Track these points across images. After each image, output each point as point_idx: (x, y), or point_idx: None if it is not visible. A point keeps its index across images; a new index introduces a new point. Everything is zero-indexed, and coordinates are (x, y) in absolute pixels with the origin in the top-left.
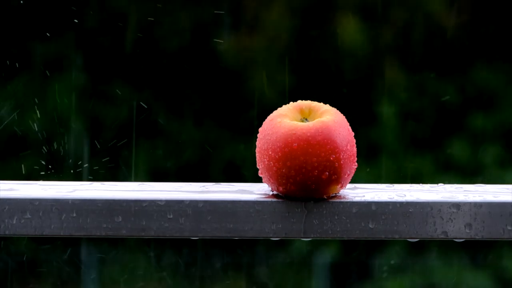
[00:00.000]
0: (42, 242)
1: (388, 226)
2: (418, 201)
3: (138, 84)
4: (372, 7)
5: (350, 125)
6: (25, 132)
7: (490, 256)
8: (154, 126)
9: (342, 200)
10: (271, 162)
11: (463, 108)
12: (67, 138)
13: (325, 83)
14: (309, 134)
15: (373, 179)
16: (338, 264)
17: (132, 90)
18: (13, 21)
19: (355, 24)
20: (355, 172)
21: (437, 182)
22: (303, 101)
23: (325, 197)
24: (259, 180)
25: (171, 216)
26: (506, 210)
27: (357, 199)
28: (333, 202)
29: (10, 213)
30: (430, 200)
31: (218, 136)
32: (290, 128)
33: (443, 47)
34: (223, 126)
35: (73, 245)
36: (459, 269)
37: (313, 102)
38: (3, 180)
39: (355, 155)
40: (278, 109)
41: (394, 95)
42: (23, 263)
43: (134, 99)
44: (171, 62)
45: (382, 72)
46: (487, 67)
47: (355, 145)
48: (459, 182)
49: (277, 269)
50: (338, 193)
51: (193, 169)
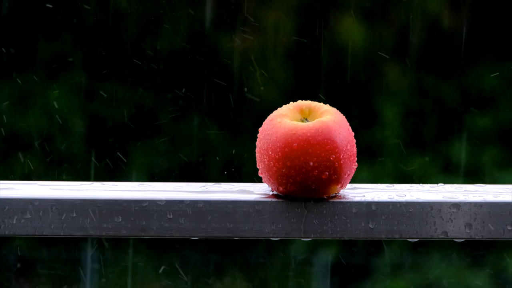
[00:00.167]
0: (42, 242)
1: (388, 226)
2: (418, 201)
3: (138, 84)
4: (372, 7)
5: (350, 125)
6: (25, 132)
7: (490, 256)
8: (154, 126)
9: (342, 200)
10: (271, 162)
11: (463, 108)
12: (67, 138)
13: (325, 83)
14: (309, 134)
15: (373, 179)
16: (338, 264)
17: (132, 90)
18: (13, 21)
19: (356, 24)
20: (355, 172)
21: (437, 182)
22: (303, 101)
23: (325, 197)
24: (259, 180)
25: (171, 216)
26: (506, 210)
27: (357, 199)
28: (333, 202)
29: (10, 213)
30: (430, 200)
31: (218, 136)
32: (290, 128)
33: (443, 47)
34: (223, 126)
35: (73, 245)
36: (459, 269)
37: (313, 102)
38: (3, 180)
39: (355, 155)
40: (278, 109)
41: (394, 95)
42: (23, 263)
43: (134, 99)
44: (171, 62)
45: (382, 72)
46: (487, 67)
47: (355, 145)
48: (459, 182)
49: (277, 269)
50: (338, 193)
51: (193, 169)
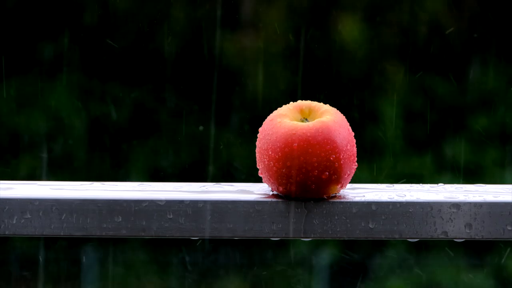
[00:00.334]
0: (42, 242)
1: (388, 226)
2: (418, 201)
3: (138, 84)
4: (372, 7)
5: (350, 125)
6: (25, 132)
7: (490, 256)
8: (154, 126)
9: (342, 200)
10: (271, 162)
11: (463, 108)
12: (67, 138)
13: (325, 83)
14: (309, 134)
15: (373, 179)
16: (338, 264)
17: (132, 90)
18: (13, 21)
19: (356, 23)
20: (355, 172)
21: (437, 182)
22: (303, 101)
23: (325, 197)
24: (259, 180)
25: (171, 216)
26: (506, 210)
27: (357, 199)
28: (333, 202)
29: (10, 213)
30: (430, 200)
31: (218, 136)
32: (290, 128)
33: (444, 47)
34: (223, 126)
35: (73, 245)
36: (459, 269)
37: (313, 102)
38: (3, 180)
39: (355, 155)
40: (278, 109)
41: (395, 95)
42: (23, 263)
43: (134, 99)
44: (171, 62)
45: (383, 72)
46: (487, 68)
47: (355, 145)
48: (459, 182)
49: (277, 269)
50: (338, 193)
51: (193, 169)
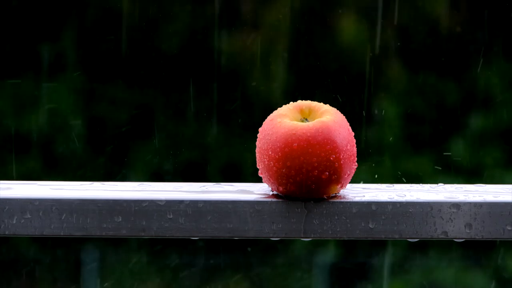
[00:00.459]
0: (42, 242)
1: (388, 226)
2: (418, 201)
3: (138, 84)
4: (372, 7)
5: (350, 125)
6: (25, 132)
7: (490, 256)
8: (154, 126)
9: (342, 200)
10: (271, 162)
11: (463, 108)
12: (67, 138)
13: (325, 83)
14: (309, 134)
15: (373, 179)
16: (338, 264)
17: (132, 90)
18: (13, 21)
19: (355, 23)
20: (355, 172)
21: (437, 182)
22: (303, 101)
23: (325, 197)
24: (259, 180)
25: (171, 216)
26: (506, 210)
27: (357, 199)
28: (333, 202)
29: (10, 213)
30: (430, 200)
31: (218, 136)
32: (290, 128)
33: (444, 47)
34: (223, 126)
35: (73, 245)
36: (459, 269)
37: (313, 102)
38: (3, 180)
39: (355, 155)
40: (278, 109)
41: (395, 95)
42: (23, 263)
43: (134, 99)
44: (171, 62)
45: (383, 72)
46: (487, 67)
47: (355, 145)
48: (459, 182)
49: (277, 269)
50: (338, 193)
51: (193, 169)
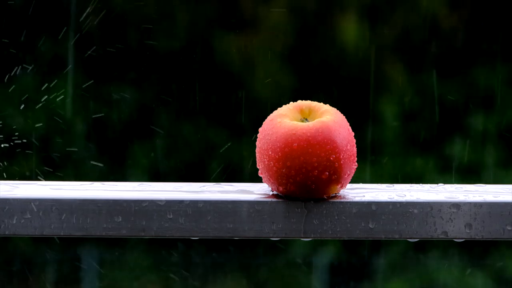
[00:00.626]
0: (42, 242)
1: (388, 226)
2: (418, 201)
3: (137, 84)
4: (372, 7)
5: (350, 125)
6: (25, 132)
7: (490, 256)
8: (154, 126)
9: (342, 200)
10: (271, 162)
11: (464, 108)
12: (67, 138)
13: (325, 83)
14: (309, 134)
15: (373, 179)
16: (338, 264)
17: (132, 90)
18: (13, 21)
19: (356, 23)
20: (355, 172)
21: (437, 182)
22: (303, 101)
23: (325, 197)
24: (259, 180)
25: (171, 216)
26: (506, 210)
27: (357, 199)
28: (333, 202)
29: (10, 213)
30: (430, 200)
31: (218, 136)
32: (290, 128)
33: (444, 47)
34: (223, 126)
35: (73, 245)
36: (459, 269)
37: (313, 102)
38: (3, 180)
39: (355, 155)
40: (278, 109)
41: (395, 95)
42: (23, 263)
43: (134, 99)
44: (171, 62)
45: (383, 72)
46: (488, 67)
47: (355, 145)
48: (459, 182)
49: (277, 269)
50: (338, 193)
51: (193, 169)
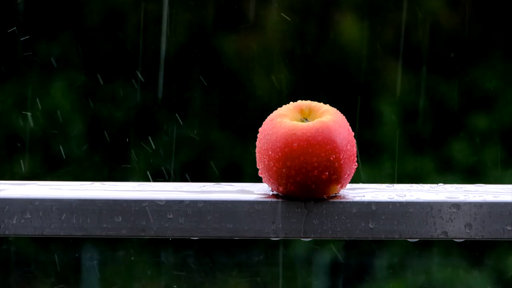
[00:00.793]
0: (42, 242)
1: (388, 226)
2: (418, 201)
3: (138, 84)
4: (372, 7)
5: (350, 125)
6: (25, 131)
7: (490, 256)
8: (154, 126)
9: (342, 200)
10: (271, 162)
11: (464, 108)
12: (67, 137)
13: (325, 83)
14: (309, 134)
15: (373, 179)
16: (338, 264)
17: (132, 89)
18: (13, 20)
19: (355, 23)
20: (355, 172)
21: (437, 182)
22: (303, 101)
23: (325, 197)
24: (259, 180)
25: (171, 216)
26: (506, 210)
27: (357, 199)
28: (333, 202)
29: (10, 213)
30: (430, 200)
31: (218, 136)
32: (290, 128)
33: (444, 47)
34: (223, 126)
35: (73, 245)
36: (459, 269)
37: (313, 102)
38: (3, 180)
39: (355, 155)
40: (278, 109)
41: (394, 95)
42: (23, 263)
43: (134, 99)
44: (171, 62)
45: (382, 72)
46: (488, 67)
47: (355, 145)
48: (459, 182)
49: (277, 269)
50: (338, 193)
51: (193, 169)
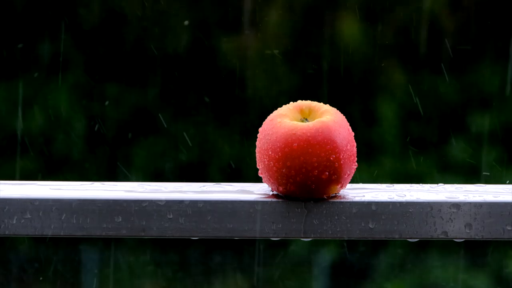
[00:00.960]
0: (42, 242)
1: (388, 226)
2: (418, 201)
3: (138, 83)
4: (372, 7)
5: (350, 125)
6: (25, 132)
7: (490, 256)
8: (154, 126)
9: (342, 200)
10: (271, 162)
11: (464, 108)
12: (67, 138)
13: (325, 83)
14: (309, 134)
15: (373, 179)
16: (338, 264)
17: (132, 89)
18: (13, 21)
19: (356, 23)
20: (355, 172)
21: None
22: (303, 101)
23: (325, 197)
24: (259, 180)
25: (171, 216)
26: (506, 210)
27: (357, 199)
28: (333, 202)
29: (10, 213)
30: (430, 200)
31: (218, 136)
32: (290, 128)
33: (444, 47)
34: (223, 126)
35: (73, 245)
36: (459, 269)
37: (313, 102)
38: (3, 180)
39: (355, 155)
40: (278, 109)
41: (394, 95)
42: (23, 263)
43: (134, 99)
44: (171, 62)
45: (382, 71)
46: (488, 67)
47: (355, 145)
48: (459, 182)
49: (277, 269)
50: (338, 193)
51: (193, 169)
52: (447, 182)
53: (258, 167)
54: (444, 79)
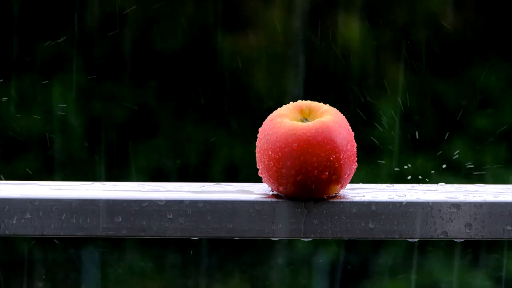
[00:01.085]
0: (42, 242)
1: (388, 226)
2: (418, 201)
3: (138, 84)
4: (372, 7)
5: (350, 125)
6: (25, 132)
7: (490, 256)
8: (154, 126)
9: (342, 200)
10: (271, 162)
11: (464, 108)
12: (67, 138)
13: (325, 83)
14: (309, 134)
15: (373, 179)
16: (338, 264)
17: (132, 90)
18: (13, 21)
19: (356, 23)
20: (355, 172)
21: (437, 182)
22: (303, 101)
23: (325, 197)
24: (259, 180)
25: (171, 216)
26: (506, 210)
27: (357, 199)
28: (333, 202)
29: (10, 213)
30: (430, 200)
31: (218, 136)
32: (290, 128)
33: (444, 47)
34: (223, 126)
35: (73, 245)
36: (459, 269)
37: (313, 102)
38: (3, 180)
39: (355, 155)
40: (278, 109)
41: (395, 95)
42: (23, 263)
43: (134, 99)
44: (171, 62)
45: (383, 72)
46: (488, 67)
47: (355, 145)
48: (459, 182)
49: (277, 269)
50: (338, 193)
51: (193, 169)
52: (447, 182)
53: (258, 167)
54: (444, 79)
